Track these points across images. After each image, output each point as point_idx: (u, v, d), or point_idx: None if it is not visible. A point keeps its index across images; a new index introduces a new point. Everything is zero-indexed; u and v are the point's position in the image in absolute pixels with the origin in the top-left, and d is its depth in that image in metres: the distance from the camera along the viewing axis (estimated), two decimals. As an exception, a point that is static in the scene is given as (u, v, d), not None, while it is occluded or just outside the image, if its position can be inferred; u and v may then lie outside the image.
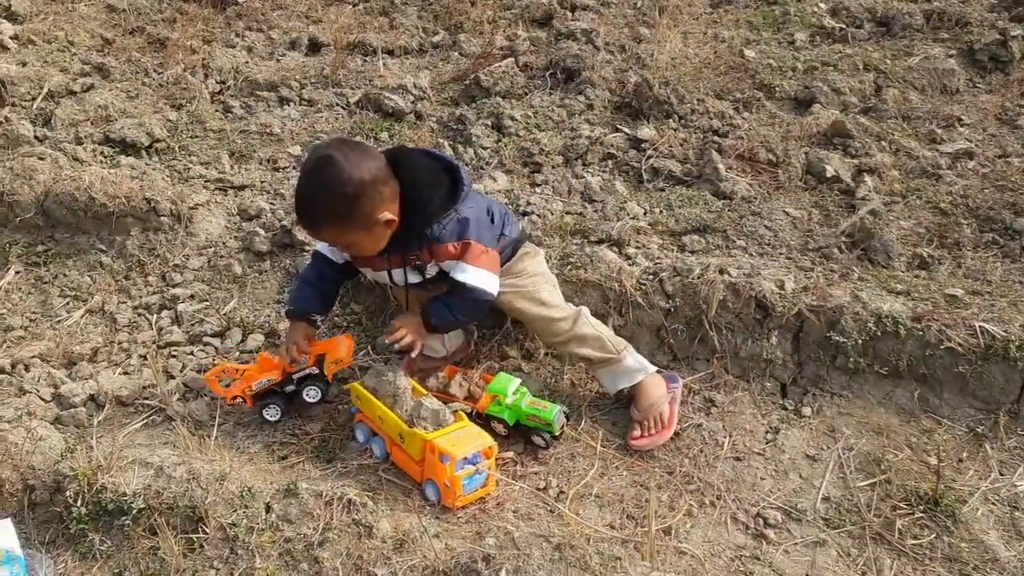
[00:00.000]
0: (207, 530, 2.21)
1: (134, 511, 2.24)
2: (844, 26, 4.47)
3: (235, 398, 2.74)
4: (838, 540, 2.37)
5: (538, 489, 2.52)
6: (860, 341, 2.75)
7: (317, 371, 2.75)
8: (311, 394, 2.76)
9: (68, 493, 2.29)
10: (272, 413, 2.74)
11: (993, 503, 2.45)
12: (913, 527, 2.39)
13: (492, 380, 2.72)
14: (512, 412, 2.64)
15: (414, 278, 2.70)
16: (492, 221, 2.70)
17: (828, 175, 3.46)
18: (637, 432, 2.68)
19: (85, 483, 2.29)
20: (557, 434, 2.62)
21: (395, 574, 2.11)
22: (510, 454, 2.64)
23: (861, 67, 4.13)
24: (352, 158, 2.43)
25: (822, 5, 4.66)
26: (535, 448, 2.65)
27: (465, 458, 2.37)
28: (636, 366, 2.73)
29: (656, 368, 2.78)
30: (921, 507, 2.42)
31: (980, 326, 2.69)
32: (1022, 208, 3.25)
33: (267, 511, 2.25)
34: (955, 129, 3.75)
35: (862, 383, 2.80)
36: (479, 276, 2.57)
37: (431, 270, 2.66)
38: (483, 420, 2.65)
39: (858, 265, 3.08)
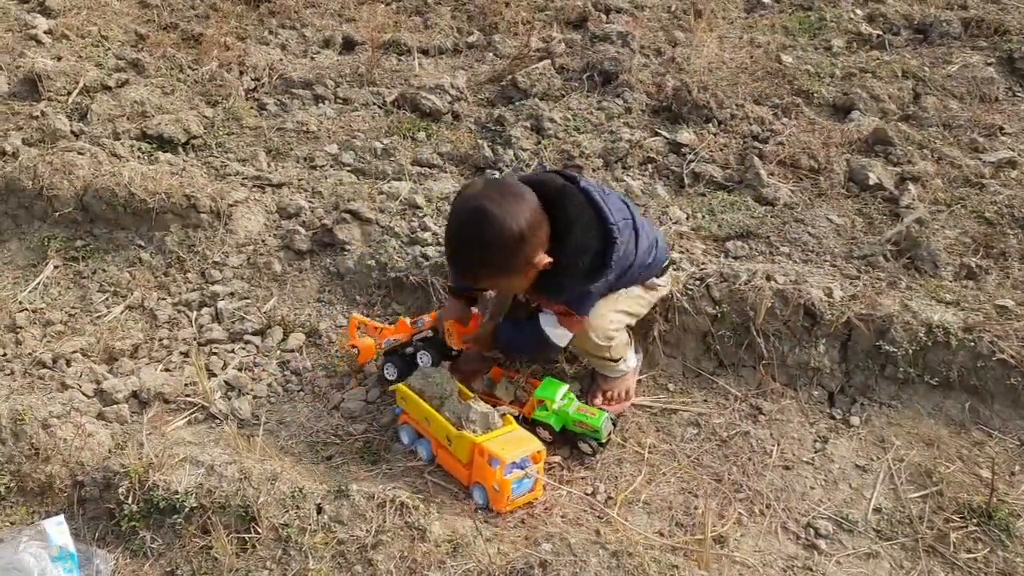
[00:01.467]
0: (259, 530, 2.19)
1: (186, 509, 2.22)
2: (881, 33, 4.45)
3: (352, 346, 2.89)
4: (891, 552, 2.35)
5: (585, 494, 2.50)
6: (910, 351, 2.72)
7: (431, 334, 2.84)
8: (423, 359, 2.80)
9: (120, 490, 2.27)
10: (390, 372, 2.83)
11: (1047, 518, 2.43)
12: (967, 540, 2.37)
13: (539, 385, 2.70)
14: (559, 418, 2.62)
15: (520, 297, 2.83)
16: (622, 275, 2.59)
17: (871, 183, 3.43)
18: (599, 400, 2.79)
19: (136, 480, 2.28)
20: (604, 441, 2.60)
21: (450, 578, 2.09)
22: (556, 458, 2.63)
23: (899, 74, 4.10)
24: (509, 208, 2.33)
25: (858, 12, 4.63)
26: (581, 453, 2.64)
27: (514, 462, 2.35)
28: (625, 370, 2.81)
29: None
30: (974, 520, 2.40)
31: (1032, 338, 2.67)
32: (1068, 219, 3.23)
33: (318, 512, 2.23)
34: (997, 138, 3.72)
35: (911, 393, 2.77)
36: (559, 333, 2.62)
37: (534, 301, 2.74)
38: (528, 425, 2.62)
39: (905, 274, 3.05)
